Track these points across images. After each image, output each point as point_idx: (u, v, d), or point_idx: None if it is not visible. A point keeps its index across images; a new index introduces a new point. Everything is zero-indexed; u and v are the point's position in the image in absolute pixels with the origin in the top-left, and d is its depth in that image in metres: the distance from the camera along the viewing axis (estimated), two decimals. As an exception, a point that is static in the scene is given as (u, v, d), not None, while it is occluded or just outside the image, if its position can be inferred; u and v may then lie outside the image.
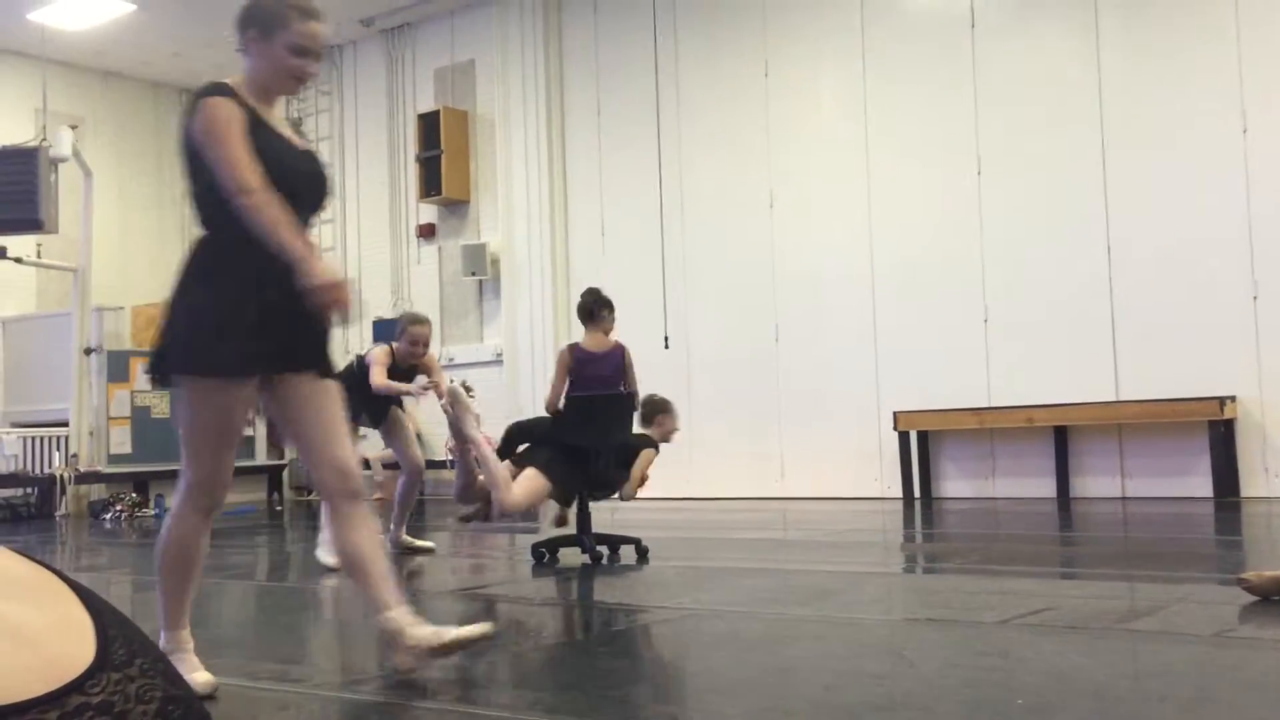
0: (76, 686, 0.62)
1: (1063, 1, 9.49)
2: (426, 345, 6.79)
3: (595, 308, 6.23)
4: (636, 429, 6.24)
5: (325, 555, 6.24)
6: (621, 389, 6.09)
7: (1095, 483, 9.20)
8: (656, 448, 6.14)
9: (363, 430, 7.03)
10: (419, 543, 6.90)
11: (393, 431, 6.92)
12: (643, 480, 6.06)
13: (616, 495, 6.18)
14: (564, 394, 6.10)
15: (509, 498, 5.72)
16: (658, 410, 6.22)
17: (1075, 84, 9.35)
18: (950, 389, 9.71)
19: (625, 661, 3.63)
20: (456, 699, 3.02)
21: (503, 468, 5.85)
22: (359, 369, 6.77)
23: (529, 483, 5.81)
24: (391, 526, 6.89)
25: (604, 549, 6.04)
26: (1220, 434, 8.56)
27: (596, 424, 6.00)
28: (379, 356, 6.73)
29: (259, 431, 13.61)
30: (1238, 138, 8.69)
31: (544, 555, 6.03)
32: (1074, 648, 3.32)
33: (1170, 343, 8.84)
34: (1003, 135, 9.66)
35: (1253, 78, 8.66)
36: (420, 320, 6.88)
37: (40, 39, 12.21)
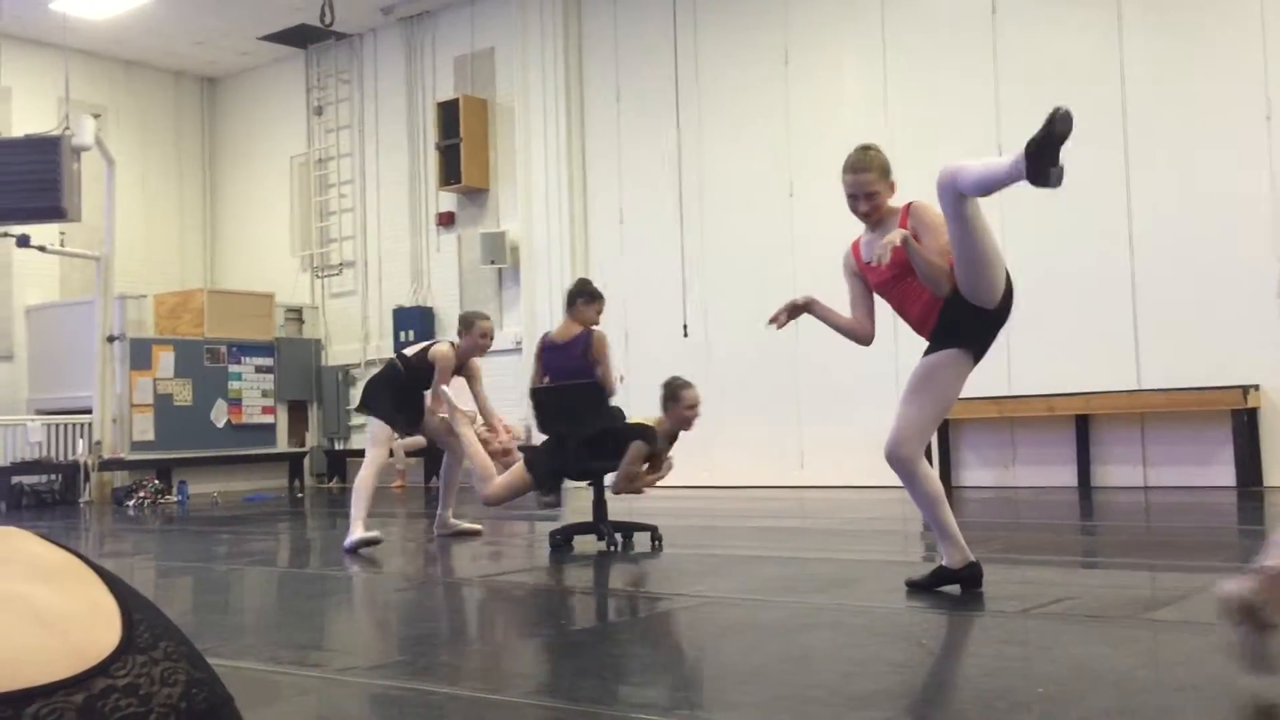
0: (102, 669, 0.63)
1: (1086, -13, 9.41)
2: (492, 338, 6.92)
3: (571, 296, 6.35)
4: (644, 417, 6.24)
5: (358, 532, 6.36)
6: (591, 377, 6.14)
7: (1117, 472, 9.16)
8: (651, 440, 5.96)
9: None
10: (466, 525, 6.99)
11: (431, 423, 6.96)
12: (634, 476, 5.95)
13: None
14: (539, 383, 6.31)
15: (487, 490, 6.16)
16: (667, 397, 6.08)
17: (1098, 71, 9.28)
18: (970, 378, 9.64)
19: (643, 648, 3.64)
20: (476, 685, 3.04)
21: (486, 460, 6.27)
22: (407, 368, 6.74)
23: (509, 476, 6.15)
24: (439, 509, 6.98)
25: (619, 536, 6.06)
26: (1243, 423, 8.50)
27: (565, 413, 6.12)
28: (446, 363, 6.69)
29: (279, 420, 13.69)
30: (1261, 125, 8.60)
31: (560, 542, 6.07)
32: (1095, 637, 3.31)
33: (1192, 331, 8.78)
34: (1024, 123, 9.54)
35: (1277, 65, 8.57)
36: (485, 315, 6.98)
37: (63, 28, 12.27)
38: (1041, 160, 3.33)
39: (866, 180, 4.26)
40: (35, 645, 0.62)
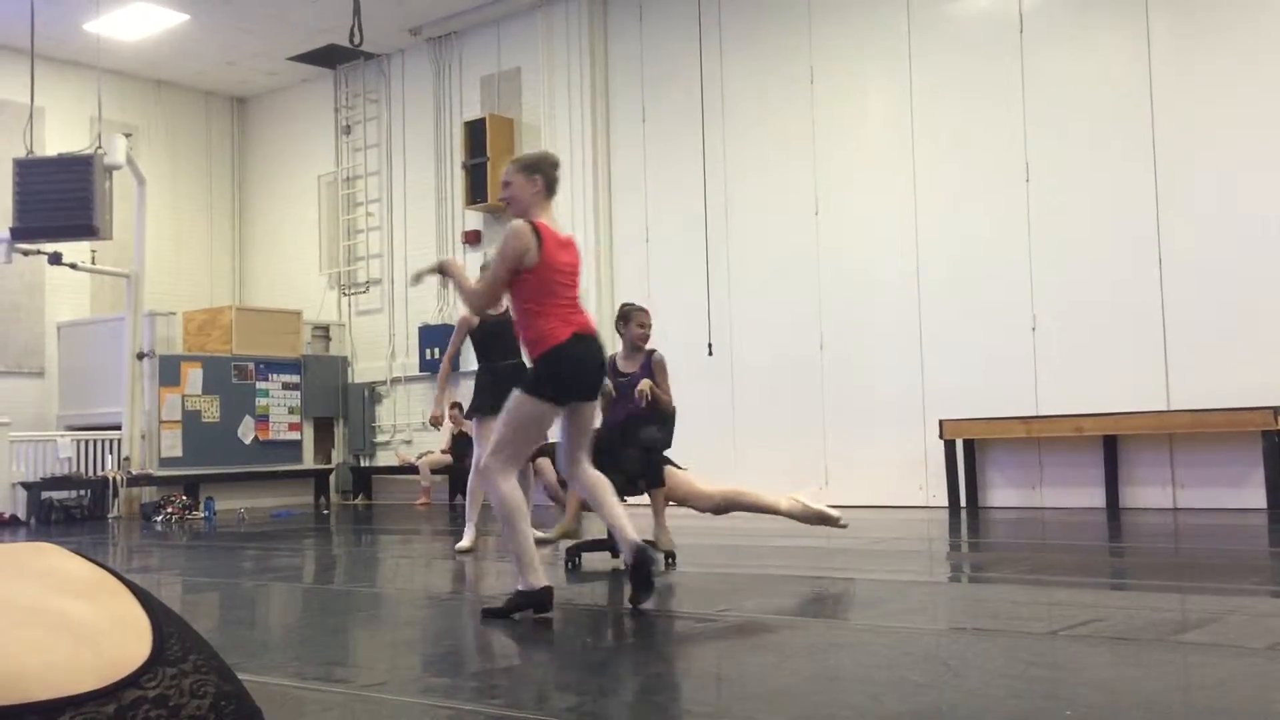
0: (133, 681, 0.64)
1: (1113, 8, 9.38)
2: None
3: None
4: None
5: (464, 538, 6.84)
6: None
7: (1146, 493, 9.07)
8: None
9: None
10: (541, 533, 7.16)
11: None
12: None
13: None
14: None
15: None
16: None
17: (1126, 90, 9.24)
18: (997, 397, 9.62)
19: (667, 667, 3.63)
20: (498, 702, 3.04)
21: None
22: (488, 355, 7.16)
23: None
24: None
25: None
26: (1274, 444, 8.41)
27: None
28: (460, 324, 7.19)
29: (306, 436, 13.76)
30: (1293, 143, 8.54)
31: (576, 558, 6.07)
32: (1124, 659, 3.28)
33: (1223, 351, 8.70)
34: (1052, 142, 9.57)
35: (1308, 82, 8.52)
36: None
37: (96, 49, 12.44)
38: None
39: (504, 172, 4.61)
40: (68, 657, 0.63)
